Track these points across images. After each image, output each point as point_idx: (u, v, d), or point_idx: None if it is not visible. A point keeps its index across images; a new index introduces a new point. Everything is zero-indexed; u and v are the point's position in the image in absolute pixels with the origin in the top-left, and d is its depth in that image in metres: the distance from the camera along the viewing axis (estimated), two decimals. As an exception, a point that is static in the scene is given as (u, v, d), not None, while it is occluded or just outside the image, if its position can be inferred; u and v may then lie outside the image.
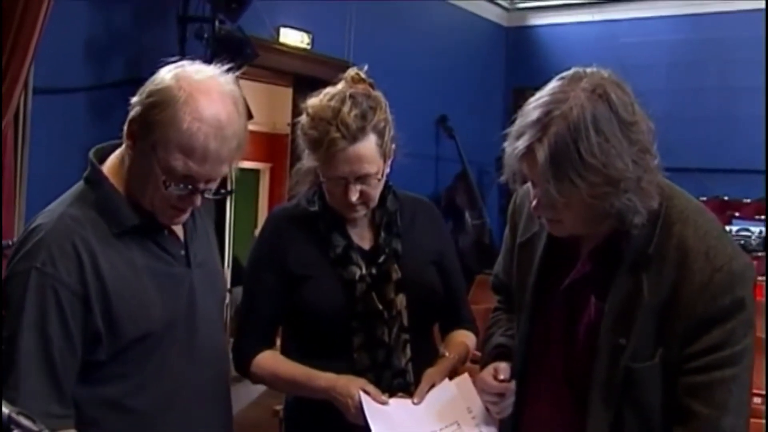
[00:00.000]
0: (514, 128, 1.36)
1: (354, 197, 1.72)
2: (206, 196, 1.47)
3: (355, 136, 1.68)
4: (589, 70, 1.36)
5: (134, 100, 1.45)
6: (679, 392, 1.37)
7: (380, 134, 1.72)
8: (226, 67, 1.48)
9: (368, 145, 1.70)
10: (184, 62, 1.47)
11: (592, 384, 1.42)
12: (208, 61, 1.52)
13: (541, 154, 1.31)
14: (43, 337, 1.36)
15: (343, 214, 1.80)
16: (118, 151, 1.51)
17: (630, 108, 1.33)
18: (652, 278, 1.38)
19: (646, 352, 1.38)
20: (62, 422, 1.37)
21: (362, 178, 1.71)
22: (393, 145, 1.77)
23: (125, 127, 1.45)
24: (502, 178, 1.41)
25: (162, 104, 1.39)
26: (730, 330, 1.34)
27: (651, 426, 1.41)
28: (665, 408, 1.39)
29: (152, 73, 1.46)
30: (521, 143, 1.33)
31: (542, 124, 1.31)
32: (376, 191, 1.77)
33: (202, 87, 1.41)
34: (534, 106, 1.34)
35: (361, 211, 1.78)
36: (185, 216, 1.51)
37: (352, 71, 1.78)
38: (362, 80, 1.77)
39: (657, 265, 1.38)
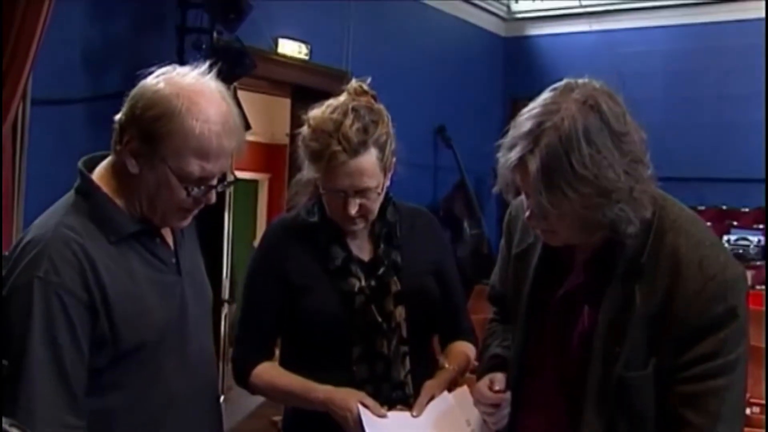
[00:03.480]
0: (507, 139, 1.36)
1: (353, 210, 1.72)
2: (218, 189, 1.50)
3: (356, 150, 1.67)
4: (580, 81, 1.36)
5: (121, 118, 1.45)
6: (672, 401, 1.37)
7: (381, 148, 1.71)
8: (202, 67, 1.49)
9: (369, 159, 1.69)
10: (164, 69, 1.48)
11: (586, 393, 1.42)
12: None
13: (533, 165, 1.31)
14: (53, 345, 1.34)
15: (341, 226, 1.79)
16: (106, 161, 1.51)
17: (622, 119, 1.33)
18: (645, 287, 1.38)
19: (639, 361, 1.38)
20: None
21: (362, 192, 1.71)
22: (394, 159, 1.76)
23: (120, 147, 1.44)
24: (495, 189, 1.42)
25: (165, 116, 1.40)
26: (722, 339, 1.34)
27: (644, 435, 1.40)
28: (658, 417, 1.39)
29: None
30: (513, 154, 1.33)
31: (534, 135, 1.31)
32: (375, 205, 1.76)
33: (196, 89, 1.43)
34: (526, 117, 1.35)
35: (360, 225, 1.78)
36: (191, 216, 1.53)
37: (354, 83, 1.77)
38: (365, 92, 1.75)
39: (650, 274, 1.38)
